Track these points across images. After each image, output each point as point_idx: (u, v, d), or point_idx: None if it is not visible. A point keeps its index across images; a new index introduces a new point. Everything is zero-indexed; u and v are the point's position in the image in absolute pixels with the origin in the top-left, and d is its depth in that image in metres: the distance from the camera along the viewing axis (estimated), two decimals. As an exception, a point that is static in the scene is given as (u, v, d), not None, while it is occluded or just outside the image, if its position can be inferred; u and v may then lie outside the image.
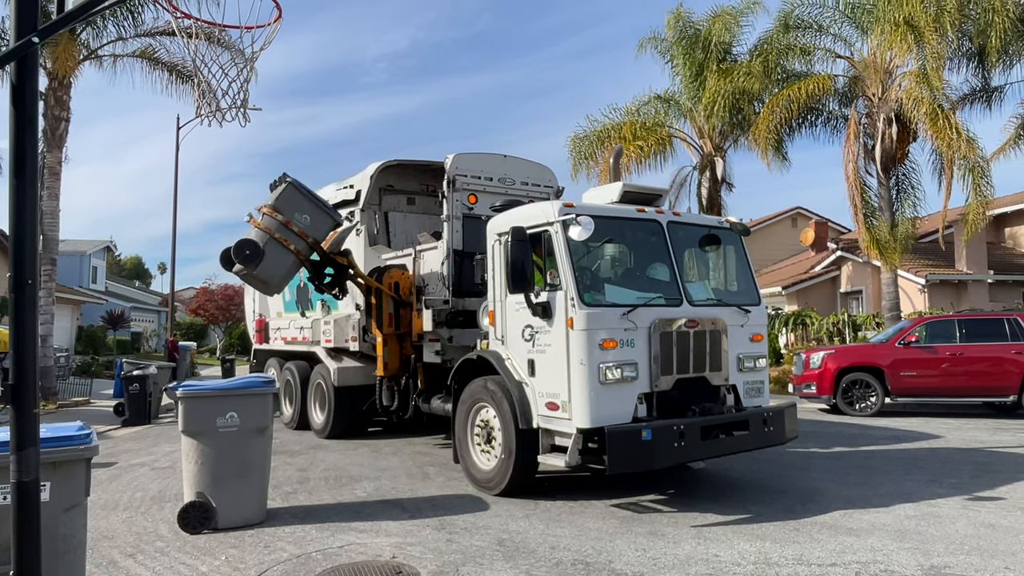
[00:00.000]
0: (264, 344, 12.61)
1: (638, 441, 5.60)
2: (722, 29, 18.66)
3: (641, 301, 6.21)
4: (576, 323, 5.84)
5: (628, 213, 6.65)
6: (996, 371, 11.80)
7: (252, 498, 5.76)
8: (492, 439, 6.68)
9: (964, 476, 7.29)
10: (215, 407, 5.66)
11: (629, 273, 6.89)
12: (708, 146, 19.98)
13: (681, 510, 6.03)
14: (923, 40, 15.57)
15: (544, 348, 6.15)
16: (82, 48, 16.27)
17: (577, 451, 5.77)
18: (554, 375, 6.02)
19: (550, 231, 6.27)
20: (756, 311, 6.90)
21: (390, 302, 8.86)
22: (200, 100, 4.12)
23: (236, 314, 40.15)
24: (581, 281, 6.03)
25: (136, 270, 73.59)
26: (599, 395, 5.75)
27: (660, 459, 5.74)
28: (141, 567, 4.77)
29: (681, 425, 5.81)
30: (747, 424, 6.38)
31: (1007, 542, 5.05)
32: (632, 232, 6.79)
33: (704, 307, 6.58)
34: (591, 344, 5.78)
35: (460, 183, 8.40)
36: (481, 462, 6.84)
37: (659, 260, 6.68)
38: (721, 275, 7.27)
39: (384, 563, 4.74)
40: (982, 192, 16.19)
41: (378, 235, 10.15)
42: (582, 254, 6.26)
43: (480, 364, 6.88)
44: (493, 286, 6.90)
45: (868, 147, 17.71)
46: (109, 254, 45.62)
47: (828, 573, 4.46)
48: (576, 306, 5.86)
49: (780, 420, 6.59)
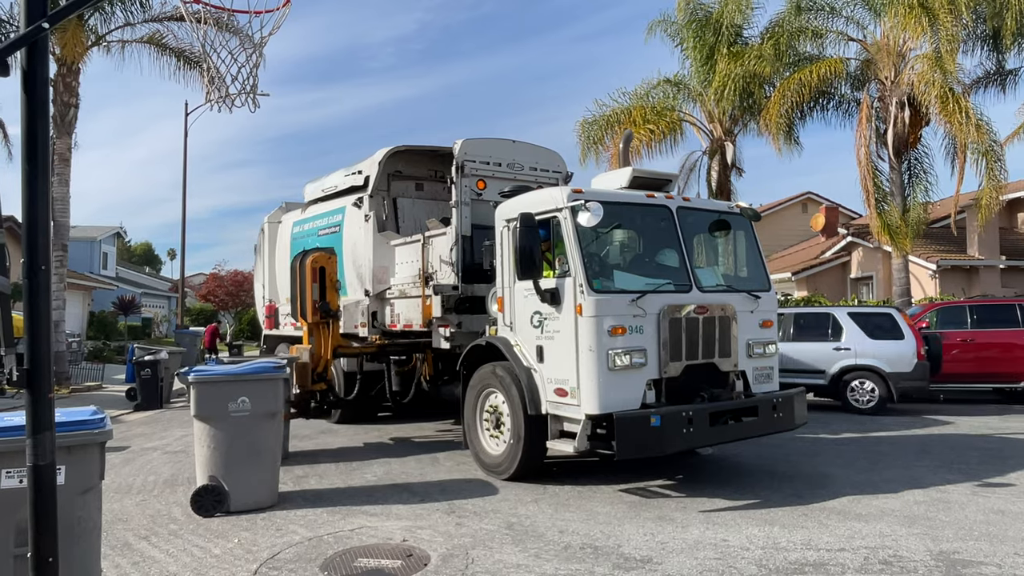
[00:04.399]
0: (274, 330, 12.56)
1: (647, 427, 5.60)
2: (734, 11, 18.43)
3: (650, 287, 6.19)
4: (585, 309, 5.83)
5: (637, 199, 6.62)
6: (1007, 357, 11.74)
7: (264, 482, 5.82)
8: (501, 424, 6.72)
9: (973, 462, 7.27)
10: (227, 392, 5.71)
11: (638, 259, 6.84)
12: (718, 131, 19.81)
13: (689, 495, 6.06)
14: (937, 22, 15.35)
15: (553, 334, 6.15)
16: (90, 34, 16.24)
17: (586, 437, 5.80)
18: (563, 361, 6.02)
19: (559, 217, 6.25)
20: (766, 297, 6.89)
21: (315, 288, 8.45)
22: (209, 86, 4.12)
23: (246, 300, 40.32)
24: (590, 267, 6.01)
25: (146, 256, 73.91)
26: (608, 381, 5.75)
27: (668, 445, 5.74)
28: (155, 549, 4.84)
29: (690, 411, 5.80)
30: (756, 410, 6.38)
31: (1016, 528, 5.05)
32: (641, 218, 6.75)
33: (713, 293, 6.55)
34: (600, 330, 5.77)
35: (468, 168, 8.32)
36: (490, 447, 6.89)
37: (668, 246, 6.65)
38: (731, 261, 7.23)
39: (395, 546, 4.78)
40: (995, 176, 16.00)
41: (387, 221, 10.05)
42: (591, 240, 6.23)
43: (489, 350, 6.90)
44: (502, 272, 6.90)
45: (880, 131, 17.53)
46: (119, 240, 45.82)
47: (837, 558, 4.47)
48: (585, 292, 5.85)
49: (789, 406, 6.58)
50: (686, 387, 6.18)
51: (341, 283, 10.40)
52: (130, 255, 65.43)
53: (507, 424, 6.61)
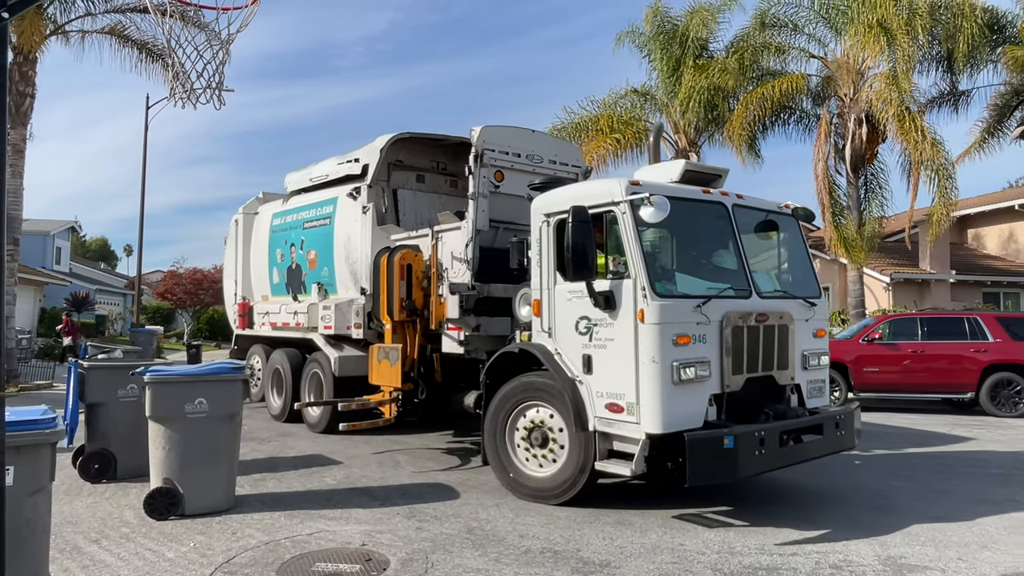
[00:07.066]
0: (248, 329, 11.78)
1: (720, 449, 5.02)
2: (699, 25, 18.80)
3: (712, 292, 5.64)
4: (648, 316, 5.21)
5: (694, 194, 5.98)
6: (955, 368, 12.12)
7: (220, 484, 5.72)
8: (549, 442, 5.98)
9: (919, 469, 7.51)
10: (184, 392, 5.60)
11: (694, 261, 6.26)
12: (683, 141, 20.14)
13: (648, 501, 6.12)
14: (895, 42, 15.87)
15: (605, 343, 5.52)
16: (49, 23, 15.84)
17: (643, 458, 5.22)
18: (617, 373, 5.39)
19: (615, 212, 5.59)
20: (820, 304, 6.45)
21: (402, 286, 8.00)
22: (174, 82, 4.06)
23: (204, 299, 39.52)
24: (652, 269, 5.43)
25: (102, 252, 72.05)
26: (672, 397, 5.16)
27: (742, 469, 5.17)
28: (106, 552, 4.72)
29: (762, 431, 5.24)
30: (821, 428, 5.87)
31: (959, 534, 5.23)
32: (696, 215, 6.04)
33: (772, 299, 6.05)
34: (664, 339, 5.17)
35: (488, 158, 7.71)
36: (530, 469, 6.09)
37: (724, 247, 6.12)
38: (781, 265, 6.68)
39: (354, 550, 4.75)
40: (947, 194, 16.58)
41: (387, 214, 9.40)
42: (650, 239, 5.63)
43: (522, 359, 6.25)
44: (540, 272, 6.18)
45: (838, 147, 18.05)
46: (74, 235, 44.61)
47: (789, 562, 4.58)
48: (648, 297, 5.23)
49: (850, 423, 6.11)
50: (744, 403, 5.63)
51: (331, 281, 9.79)
52: (85, 250, 63.70)
53: (558, 442, 5.90)
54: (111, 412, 6.66)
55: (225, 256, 12.79)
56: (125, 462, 6.64)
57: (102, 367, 6.74)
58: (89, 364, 6.70)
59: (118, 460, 6.65)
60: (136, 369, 5.96)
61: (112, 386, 6.67)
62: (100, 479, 6.58)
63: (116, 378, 6.69)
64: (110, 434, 6.67)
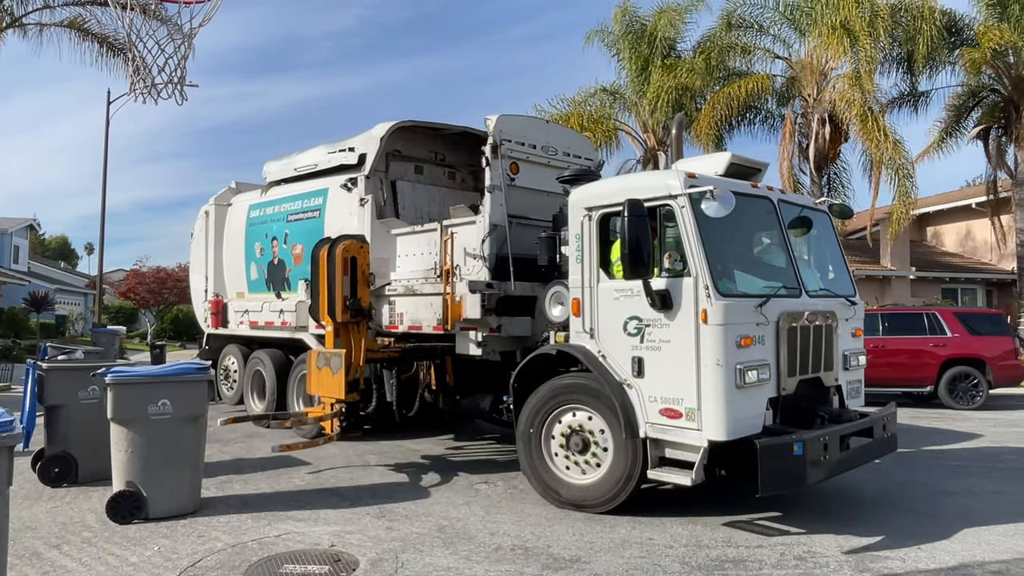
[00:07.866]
0: (221, 328, 11.05)
1: (790, 456, 4.85)
2: (667, 25, 19.01)
3: (769, 290, 5.43)
4: (711, 316, 4.94)
5: (742, 188, 5.67)
6: (915, 363, 12.43)
7: (185, 487, 5.62)
8: (590, 448, 5.66)
9: (883, 462, 7.66)
10: (147, 394, 5.49)
11: (746, 258, 5.99)
12: (652, 140, 20.33)
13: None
14: (857, 44, 16.21)
15: (660, 344, 5.22)
16: (5, 15, 15.41)
17: (703, 466, 5.01)
18: (675, 377, 5.12)
19: (673, 205, 5.29)
20: (859, 304, 6.38)
21: (346, 282, 7.36)
22: (134, 76, 3.98)
23: (169, 298, 38.81)
24: (714, 266, 5.15)
25: (61, 250, 70.31)
26: (735, 401, 4.92)
27: (810, 476, 5.02)
28: (67, 558, 4.61)
29: (826, 436, 5.10)
30: (871, 431, 5.75)
31: (922, 525, 5.36)
32: (745, 210, 5.68)
33: (820, 298, 5.89)
34: (728, 341, 4.93)
35: (505, 149, 7.37)
36: (570, 476, 5.78)
37: (773, 243, 5.94)
38: (819, 263, 6.50)
39: (323, 551, 4.71)
40: (907, 192, 17.02)
41: (386, 206, 8.92)
42: (710, 235, 5.32)
43: (559, 361, 6.00)
44: (581, 270, 5.83)
45: (803, 146, 18.40)
46: (32, 233, 43.43)
47: (755, 554, 4.66)
48: (712, 296, 4.96)
49: (893, 425, 6.02)
50: (794, 405, 5.47)
51: None
52: (44, 249, 62.09)
53: (600, 446, 5.61)
54: (72, 414, 6.49)
55: (192, 251, 11.99)
56: (86, 465, 6.47)
57: (62, 368, 6.58)
58: (48, 365, 6.53)
59: (79, 463, 6.48)
60: (97, 370, 5.83)
61: (72, 388, 6.50)
62: (61, 483, 6.42)
63: (77, 379, 6.52)
64: (71, 437, 6.50)
